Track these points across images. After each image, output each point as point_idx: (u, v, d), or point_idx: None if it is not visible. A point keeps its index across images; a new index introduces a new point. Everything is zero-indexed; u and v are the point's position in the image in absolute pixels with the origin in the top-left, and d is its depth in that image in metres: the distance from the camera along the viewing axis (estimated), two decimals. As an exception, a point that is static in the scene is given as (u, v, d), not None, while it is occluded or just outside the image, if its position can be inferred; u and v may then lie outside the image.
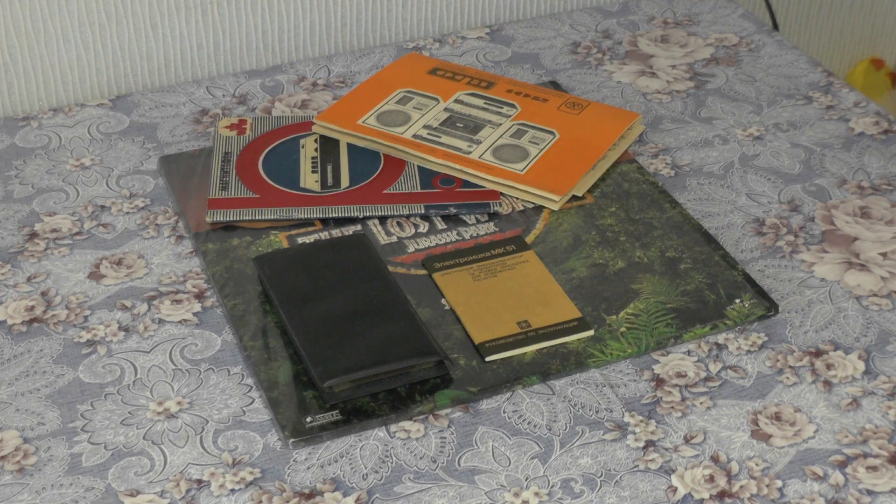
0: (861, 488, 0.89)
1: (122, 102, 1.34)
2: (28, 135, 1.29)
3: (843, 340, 1.01)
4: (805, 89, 1.34)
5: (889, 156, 1.23)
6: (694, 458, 0.91)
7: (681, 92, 1.34)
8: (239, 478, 0.90)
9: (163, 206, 1.18)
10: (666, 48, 1.42)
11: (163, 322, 1.04)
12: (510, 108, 1.25)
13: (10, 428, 0.94)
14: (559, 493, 0.89)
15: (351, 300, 1.01)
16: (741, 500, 0.88)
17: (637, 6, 1.51)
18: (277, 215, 1.14)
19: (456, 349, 1.00)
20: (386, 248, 1.11)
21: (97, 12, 1.36)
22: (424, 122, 1.23)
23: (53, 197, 1.19)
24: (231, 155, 1.21)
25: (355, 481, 0.90)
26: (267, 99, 1.34)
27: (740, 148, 1.25)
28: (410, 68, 1.32)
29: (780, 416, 0.95)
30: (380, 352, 0.96)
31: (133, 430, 0.94)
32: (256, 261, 1.06)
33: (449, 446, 0.93)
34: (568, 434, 0.93)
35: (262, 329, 1.02)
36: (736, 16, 1.49)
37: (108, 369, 1.00)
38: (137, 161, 1.24)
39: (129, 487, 0.90)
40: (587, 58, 1.41)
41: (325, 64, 1.41)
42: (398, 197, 1.15)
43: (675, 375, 0.98)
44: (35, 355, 1.01)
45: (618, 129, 1.23)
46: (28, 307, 1.06)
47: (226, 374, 0.99)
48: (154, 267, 1.10)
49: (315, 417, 0.94)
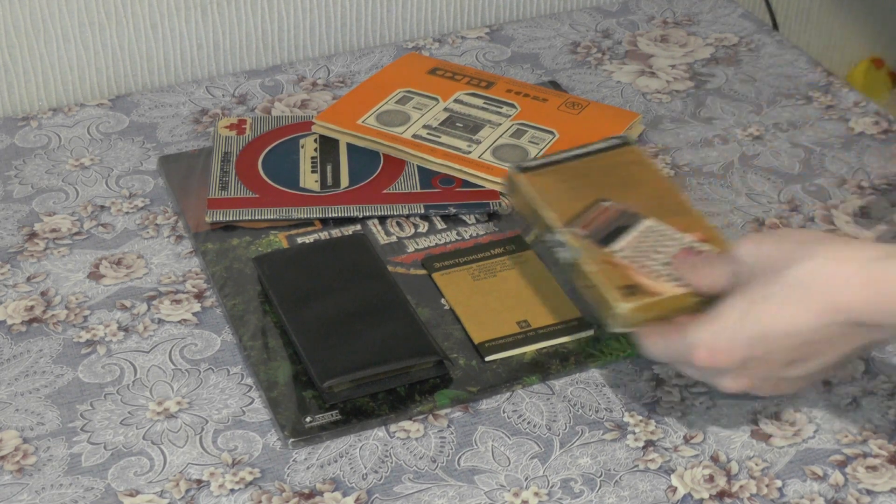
0: (861, 488, 0.89)
1: (122, 102, 1.34)
2: (28, 135, 1.29)
3: (842, 340, 1.01)
4: (805, 89, 1.34)
5: (889, 156, 1.23)
6: (694, 458, 0.91)
7: (680, 92, 1.34)
8: (238, 478, 0.90)
9: (162, 206, 1.18)
10: (666, 48, 1.42)
11: (162, 322, 1.04)
12: (510, 107, 1.25)
13: (9, 428, 0.94)
14: (559, 492, 0.89)
15: (351, 300, 1.01)
16: (741, 499, 0.88)
17: (637, 6, 1.51)
18: (277, 215, 1.14)
19: (456, 349, 1.00)
20: (386, 248, 1.11)
21: (97, 12, 1.36)
22: (424, 121, 1.23)
23: (53, 197, 1.19)
24: (231, 155, 1.21)
25: (355, 481, 0.90)
26: (267, 99, 1.34)
27: (740, 148, 1.25)
28: (410, 68, 1.32)
29: (779, 415, 0.95)
30: (379, 352, 0.96)
31: (133, 430, 0.94)
32: (256, 261, 1.06)
33: (449, 446, 0.93)
34: (568, 434, 0.93)
35: (261, 329, 1.02)
36: (736, 16, 1.49)
37: (108, 369, 1.00)
38: (137, 161, 1.24)
39: (129, 487, 0.90)
40: (587, 58, 1.41)
41: (324, 64, 1.41)
42: (398, 197, 1.15)
43: (674, 375, 0.98)
44: (35, 355, 1.01)
45: (617, 129, 1.23)
46: (28, 307, 1.06)
47: (225, 374, 0.99)
48: (154, 267, 1.10)
49: (315, 417, 0.94)
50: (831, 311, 0.79)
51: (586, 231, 0.90)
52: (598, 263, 0.88)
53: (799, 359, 0.82)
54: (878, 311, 0.78)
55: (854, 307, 0.78)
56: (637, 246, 0.90)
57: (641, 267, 0.88)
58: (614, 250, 0.89)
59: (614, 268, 0.88)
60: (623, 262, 0.88)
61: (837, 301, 0.78)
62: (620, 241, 0.90)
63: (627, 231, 0.91)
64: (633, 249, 0.89)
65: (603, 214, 0.92)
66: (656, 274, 0.87)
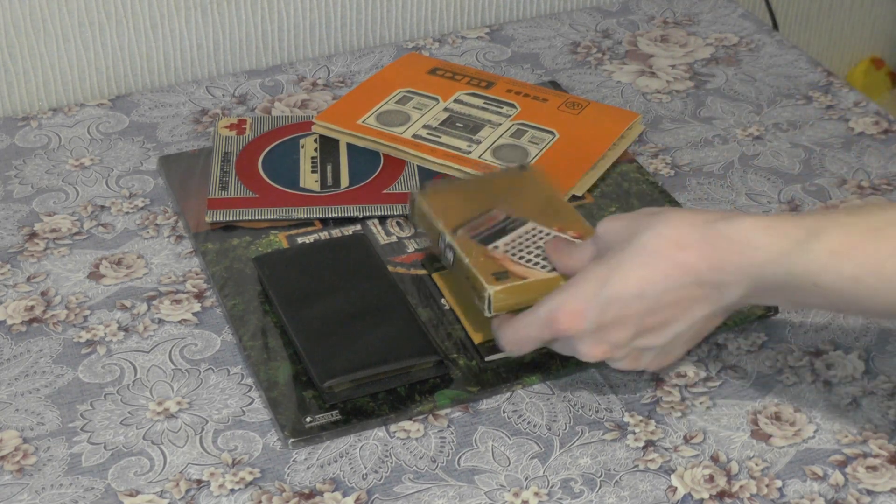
0: (861, 488, 0.89)
1: (122, 102, 1.34)
2: (28, 135, 1.29)
3: (842, 340, 1.01)
4: (805, 89, 1.34)
5: (889, 156, 1.23)
6: (694, 458, 0.91)
7: (680, 92, 1.34)
8: (238, 478, 0.90)
9: (162, 206, 1.18)
10: (666, 48, 1.42)
11: (162, 322, 1.04)
12: (510, 107, 1.25)
13: (9, 428, 0.94)
14: (559, 492, 0.89)
15: (351, 300, 1.01)
16: (741, 499, 0.88)
17: (637, 6, 1.51)
18: (277, 215, 1.14)
19: (456, 349, 1.00)
20: (386, 248, 1.11)
21: (97, 12, 1.36)
22: (424, 122, 1.23)
23: (53, 197, 1.19)
24: (231, 155, 1.21)
25: (355, 481, 0.90)
26: (267, 99, 1.34)
27: (740, 148, 1.25)
28: (410, 68, 1.32)
29: (779, 415, 0.95)
30: (380, 352, 0.96)
31: (133, 430, 0.94)
32: (256, 261, 1.06)
33: (449, 446, 0.93)
34: (568, 434, 0.93)
35: (261, 329, 1.02)
36: (736, 16, 1.49)
37: (108, 369, 1.00)
38: (137, 161, 1.25)
39: (129, 487, 0.90)
40: (587, 58, 1.41)
41: (324, 64, 1.41)
42: (398, 197, 1.15)
43: (674, 375, 0.98)
44: (35, 355, 1.01)
45: (618, 128, 1.23)
46: (28, 307, 1.06)
47: (225, 374, 0.99)
48: (154, 267, 1.10)
49: (315, 417, 0.94)
50: (676, 271, 0.84)
51: (471, 234, 0.98)
52: (475, 256, 0.96)
53: (653, 326, 0.86)
54: (715, 268, 0.83)
55: (695, 266, 0.83)
56: (515, 243, 0.97)
57: (519, 259, 0.95)
58: (493, 247, 0.97)
59: (489, 259, 0.95)
60: (498, 255, 0.96)
61: (680, 261, 0.84)
62: (501, 240, 0.98)
63: (509, 233, 0.99)
64: (511, 246, 0.97)
65: (489, 220, 1.00)
66: (532, 264, 0.95)
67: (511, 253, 0.96)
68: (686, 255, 0.84)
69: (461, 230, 0.99)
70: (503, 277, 0.93)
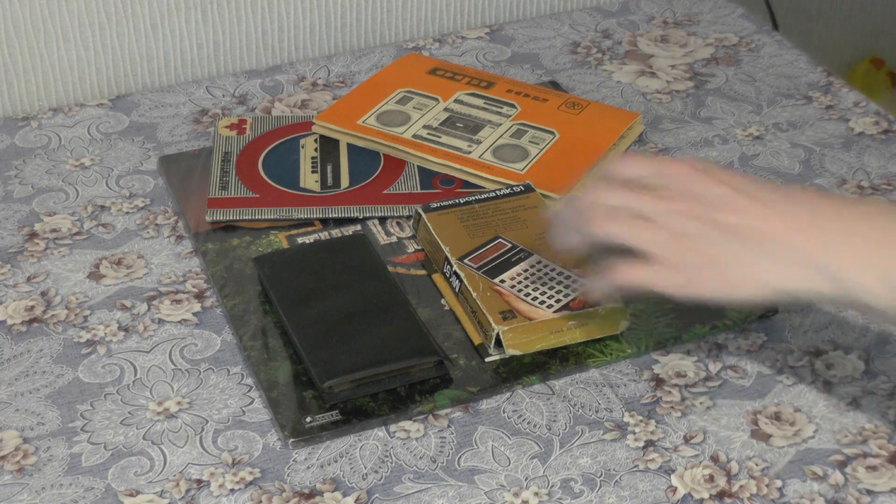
0: (861, 488, 0.89)
1: (122, 102, 1.34)
2: (28, 135, 1.29)
3: (842, 340, 1.01)
4: (805, 89, 1.34)
5: (889, 156, 1.23)
6: (694, 458, 0.91)
7: (680, 92, 1.34)
8: (239, 478, 0.90)
9: (162, 206, 1.18)
10: (666, 48, 1.42)
11: (162, 322, 1.04)
12: (510, 107, 1.25)
13: (9, 428, 0.94)
14: (559, 492, 0.89)
15: (351, 300, 1.01)
16: (741, 499, 0.88)
17: (637, 6, 1.51)
18: (277, 215, 1.14)
19: (456, 349, 1.00)
20: (386, 248, 1.11)
21: (97, 12, 1.36)
22: (424, 122, 1.23)
23: (53, 197, 1.19)
24: (231, 155, 1.21)
25: (355, 481, 0.90)
26: (267, 99, 1.34)
27: (740, 148, 1.25)
28: (410, 68, 1.32)
29: (779, 415, 0.95)
30: (380, 352, 0.96)
31: (133, 430, 0.94)
32: (256, 261, 1.06)
33: (449, 446, 0.93)
34: (568, 434, 0.93)
35: (261, 329, 1.02)
36: (736, 16, 1.49)
37: (108, 369, 1.00)
38: (137, 161, 1.25)
39: (129, 487, 0.90)
40: (587, 58, 1.41)
41: (324, 64, 1.41)
42: (398, 197, 1.15)
43: (674, 375, 0.98)
44: (35, 355, 1.01)
45: (618, 129, 1.23)
46: (28, 307, 1.06)
47: (225, 373, 0.99)
48: (154, 267, 1.10)
49: (315, 417, 0.94)
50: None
51: (477, 264, 1.02)
52: (482, 291, 0.99)
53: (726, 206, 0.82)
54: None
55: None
56: (522, 277, 1.00)
57: (525, 296, 0.98)
58: (499, 281, 1.00)
59: (496, 295, 0.99)
60: (505, 290, 0.99)
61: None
62: (507, 273, 1.01)
63: (515, 265, 1.02)
64: (517, 280, 1.00)
65: (494, 249, 1.04)
66: (538, 302, 0.98)
67: (517, 290, 0.99)
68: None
69: (468, 259, 1.03)
70: (510, 317, 0.97)
